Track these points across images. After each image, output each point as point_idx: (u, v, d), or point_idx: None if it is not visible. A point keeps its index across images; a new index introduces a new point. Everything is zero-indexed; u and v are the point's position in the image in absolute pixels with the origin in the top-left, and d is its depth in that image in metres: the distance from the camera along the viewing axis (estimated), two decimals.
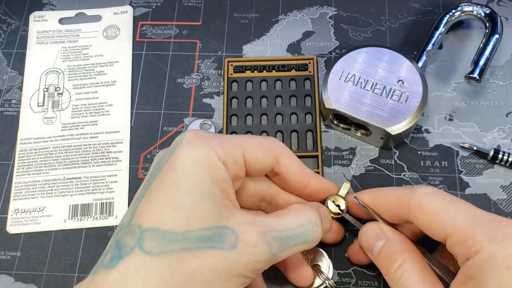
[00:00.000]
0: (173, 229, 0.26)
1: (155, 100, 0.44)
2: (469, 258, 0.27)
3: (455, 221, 0.28)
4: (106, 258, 0.27)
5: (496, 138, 0.41)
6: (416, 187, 0.31)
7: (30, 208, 0.40)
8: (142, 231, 0.26)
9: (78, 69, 0.45)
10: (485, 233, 0.26)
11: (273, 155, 0.31)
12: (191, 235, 0.26)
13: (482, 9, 0.42)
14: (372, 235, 0.32)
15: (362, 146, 0.41)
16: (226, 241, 0.27)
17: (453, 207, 0.29)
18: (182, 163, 0.27)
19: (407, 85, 0.39)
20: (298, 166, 0.33)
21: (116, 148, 0.42)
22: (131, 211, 0.28)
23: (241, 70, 0.44)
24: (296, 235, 0.29)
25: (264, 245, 0.27)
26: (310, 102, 0.43)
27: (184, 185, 0.27)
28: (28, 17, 0.48)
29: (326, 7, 0.47)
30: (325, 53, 0.45)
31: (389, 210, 0.32)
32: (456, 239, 0.27)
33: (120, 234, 0.27)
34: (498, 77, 0.43)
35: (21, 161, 0.42)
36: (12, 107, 0.44)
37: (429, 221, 0.29)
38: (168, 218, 0.26)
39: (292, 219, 0.29)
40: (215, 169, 0.28)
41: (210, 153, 0.28)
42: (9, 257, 0.39)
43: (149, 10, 0.48)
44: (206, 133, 0.30)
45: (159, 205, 0.27)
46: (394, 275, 0.30)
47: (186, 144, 0.28)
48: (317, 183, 0.34)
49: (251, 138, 0.31)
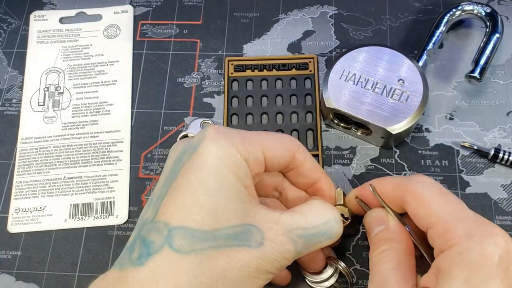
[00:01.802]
0: (202, 227, 0.26)
1: (155, 100, 0.44)
2: (444, 251, 0.27)
3: (440, 212, 0.28)
4: (133, 254, 0.27)
5: (497, 137, 0.41)
6: (415, 175, 0.31)
7: (30, 208, 0.40)
8: (170, 229, 0.26)
9: (78, 69, 0.45)
10: (465, 229, 0.27)
11: (290, 152, 0.32)
12: (220, 233, 0.26)
13: (483, 8, 0.42)
14: (376, 218, 0.33)
15: (362, 145, 0.41)
16: (252, 239, 0.27)
17: (443, 199, 0.29)
18: (207, 160, 0.27)
19: (407, 84, 0.38)
20: (312, 164, 0.33)
21: (116, 147, 0.42)
22: (154, 207, 0.28)
23: (241, 69, 0.44)
24: (321, 232, 0.29)
25: (290, 243, 0.28)
26: (310, 101, 0.43)
27: (210, 182, 0.27)
28: (28, 17, 0.48)
29: (326, 6, 0.47)
30: (325, 53, 0.45)
31: (387, 196, 0.32)
32: (437, 230, 0.28)
33: (144, 230, 0.27)
34: (499, 76, 0.43)
35: (22, 161, 0.42)
36: (12, 107, 0.44)
37: (417, 208, 0.29)
38: (196, 217, 0.26)
39: (317, 216, 0.30)
40: (238, 167, 0.28)
41: (233, 150, 0.28)
42: (10, 257, 0.39)
43: (149, 9, 0.48)
44: (227, 130, 0.30)
45: (186, 203, 0.27)
46: (375, 257, 0.30)
47: (209, 141, 0.28)
48: (325, 184, 0.34)
49: (269, 135, 0.32)
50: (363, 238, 0.38)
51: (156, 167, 0.41)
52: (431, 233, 0.28)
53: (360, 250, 0.37)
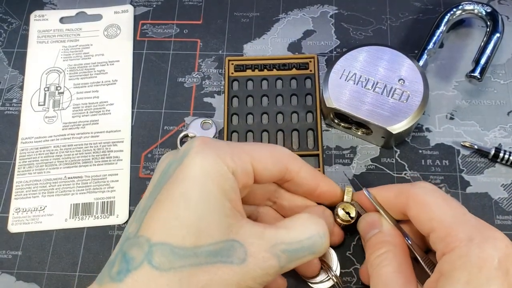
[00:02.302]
0: (183, 244, 0.26)
1: (156, 99, 0.44)
2: (445, 254, 0.27)
3: (442, 217, 0.28)
4: (113, 269, 0.27)
5: (497, 137, 0.41)
6: (417, 182, 0.32)
7: (31, 207, 0.40)
8: (150, 245, 0.26)
9: (79, 68, 0.45)
10: (466, 232, 0.27)
11: (282, 164, 0.31)
12: (201, 250, 0.26)
13: (483, 8, 0.42)
14: (370, 222, 0.33)
15: (363, 145, 0.41)
16: (235, 256, 0.27)
17: (445, 204, 0.29)
18: (191, 173, 0.27)
19: (408, 84, 0.38)
20: (307, 172, 0.33)
21: (117, 147, 0.42)
22: (138, 221, 0.28)
23: (241, 69, 0.44)
24: (304, 247, 0.29)
25: (273, 259, 0.28)
26: (311, 101, 0.43)
27: (193, 197, 0.27)
28: (28, 17, 0.48)
29: (327, 6, 0.47)
30: (326, 52, 0.45)
31: (389, 202, 0.33)
32: (438, 234, 0.28)
33: (126, 244, 0.27)
34: (499, 75, 0.43)
35: (22, 160, 0.42)
36: (13, 106, 0.44)
37: (419, 212, 0.30)
38: (178, 233, 0.26)
39: (300, 231, 0.29)
40: (224, 180, 0.28)
41: (219, 163, 0.28)
42: (11, 256, 0.39)
43: (149, 9, 0.48)
44: (214, 141, 0.29)
45: (168, 218, 0.26)
46: (374, 260, 0.30)
47: (195, 154, 0.28)
48: (326, 187, 0.34)
49: (260, 146, 0.31)
50: None
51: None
52: (433, 237, 0.28)
53: (360, 250, 0.37)
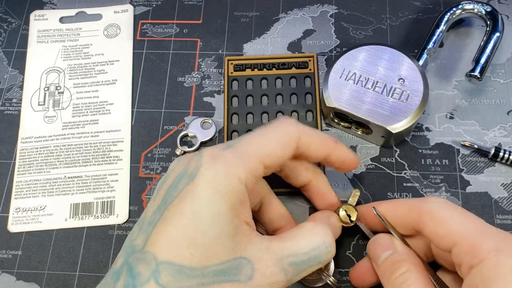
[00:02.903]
0: (190, 264, 0.26)
1: (155, 99, 0.44)
2: (473, 267, 0.26)
3: (463, 229, 0.28)
4: (118, 283, 0.26)
5: (497, 136, 0.41)
6: (428, 197, 0.32)
7: (31, 207, 0.40)
8: (157, 263, 0.26)
9: (78, 68, 0.45)
10: (492, 243, 0.27)
11: (291, 146, 0.31)
12: (209, 270, 0.26)
13: (483, 7, 0.42)
14: (382, 244, 0.32)
15: (363, 144, 0.41)
16: (242, 273, 0.27)
17: (463, 217, 0.29)
18: (202, 192, 0.27)
19: (408, 83, 0.38)
20: (319, 143, 0.32)
21: (117, 147, 0.42)
22: (144, 234, 0.28)
23: (241, 69, 0.44)
24: (310, 258, 0.29)
25: (280, 273, 0.28)
26: (310, 100, 0.43)
27: (202, 217, 0.26)
28: (28, 16, 0.48)
29: (326, 5, 0.47)
30: (325, 52, 0.45)
31: (399, 218, 0.32)
32: (463, 247, 0.27)
33: (133, 258, 0.27)
34: (499, 75, 0.43)
35: (22, 160, 0.42)
36: (13, 106, 0.44)
37: (437, 228, 0.29)
38: (186, 253, 0.26)
39: (306, 242, 0.29)
40: (235, 195, 0.27)
41: (230, 177, 0.27)
42: (11, 256, 0.39)
43: (149, 8, 0.48)
44: (222, 153, 0.29)
45: (176, 237, 0.26)
46: (396, 280, 0.29)
47: (205, 170, 0.28)
48: (338, 154, 0.33)
49: (266, 138, 0.30)
50: (363, 238, 0.38)
51: (157, 166, 0.41)
52: (456, 250, 0.28)
53: (360, 249, 0.37)
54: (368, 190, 0.39)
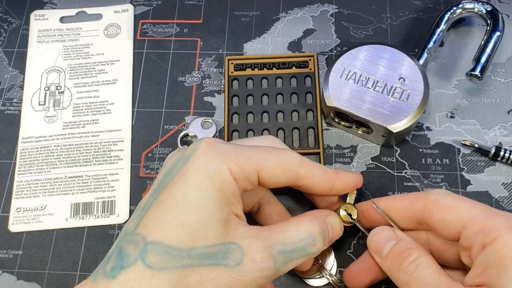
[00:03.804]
0: (177, 245, 0.26)
1: (156, 99, 0.44)
2: (486, 246, 0.27)
3: (472, 212, 0.29)
4: (107, 265, 0.26)
5: (498, 135, 0.41)
6: (431, 190, 0.32)
7: (32, 207, 0.40)
8: (146, 243, 0.26)
9: (79, 68, 0.45)
10: (503, 222, 0.27)
11: (291, 171, 0.30)
12: (195, 252, 0.26)
13: (484, 6, 0.42)
14: (384, 235, 0.32)
15: (363, 144, 0.41)
16: (231, 258, 0.27)
17: (470, 202, 0.30)
18: (193, 175, 0.27)
19: (408, 82, 0.38)
20: (320, 176, 0.32)
21: (117, 146, 0.42)
22: (137, 218, 0.28)
23: (241, 68, 0.44)
24: (298, 248, 0.29)
25: (270, 260, 0.27)
26: (311, 99, 0.43)
27: (192, 199, 0.27)
28: (29, 16, 0.48)
29: (327, 5, 0.47)
30: (326, 51, 0.45)
31: (400, 211, 0.32)
32: (473, 228, 0.28)
33: (123, 241, 0.27)
34: (500, 74, 0.43)
35: (23, 160, 0.42)
36: (13, 106, 0.44)
37: (446, 214, 0.30)
38: (173, 233, 0.26)
39: (294, 232, 0.29)
40: (225, 184, 0.27)
41: (223, 167, 0.27)
42: (11, 256, 0.39)
43: (149, 8, 0.48)
44: (221, 144, 0.29)
45: (165, 218, 0.26)
46: (408, 267, 0.29)
47: (199, 155, 0.28)
48: (342, 184, 0.33)
49: (268, 152, 0.30)
50: (364, 237, 0.38)
51: (157, 166, 0.41)
52: (466, 233, 0.28)
53: (361, 249, 0.37)
54: (368, 190, 0.39)
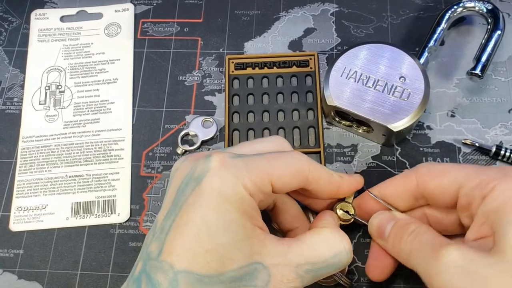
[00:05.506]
0: (207, 272, 0.26)
1: (156, 98, 0.44)
2: (486, 196, 0.28)
3: (465, 172, 0.30)
4: None
5: (498, 134, 0.41)
6: (418, 165, 0.32)
7: (32, 206, 0.40)
8: (175, 273, 0.26)
9: (79, 67, 0.45)
10: (497, 173, 0.28)
11: (301, 176, 0.30)
12: (225, 277, 0.26)
13: (484, 5, 0.42)
14: (383, 218, 0.33)
15: (364, 143, 0.41)
16: (259, 278, 0.27)
17: (459, 165, 0.31)
18: (211, 199, 0.27)
19: (409, 81, 0.38)
20: (327, 179, 0.32)
21: (118, 145, 0.42)
22: (158, 241, 0.27)
23: (242, 67, 0.44)
24: (329, 265, 0.29)
25: (297, 280, 0.28)
26: (311, 98, 0.43)
27: (214, 224, 0.26)
28: (29, 15, 0.48)
29: (327, 4, 0.47)
30: (326, 50, 0.45)
31: (396, 192, 0.33)
32: (470, 185, 0.29)
33: (149, 266, 0.27)
34: (500, 73, 0.43)
35: (23, 159, 0.42)
36: (14, 105, 0.44)
37: (440, 179, 0.30)
38: (202, 260, 0.26)
39: (326, 249, 0.29)
40: (243, 203, 0.27)
41: (238, 186, 0.27)
42: (12, 255, 0.39)
43: (150, 7, 0.48)
44: (232, 160, 0.28)
45: (191, 245, 0.26)
46: (409, 238, 0.30)
47: (213, 176, 0.27)
48: (347, 188, 0.33)
49: (277, 159, 0.29)
50: (365, 236, 0.38)
51: (158, 165, 0.41)
52: (464, 191, 0.29)
53: (361, 248, 0.37)
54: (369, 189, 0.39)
